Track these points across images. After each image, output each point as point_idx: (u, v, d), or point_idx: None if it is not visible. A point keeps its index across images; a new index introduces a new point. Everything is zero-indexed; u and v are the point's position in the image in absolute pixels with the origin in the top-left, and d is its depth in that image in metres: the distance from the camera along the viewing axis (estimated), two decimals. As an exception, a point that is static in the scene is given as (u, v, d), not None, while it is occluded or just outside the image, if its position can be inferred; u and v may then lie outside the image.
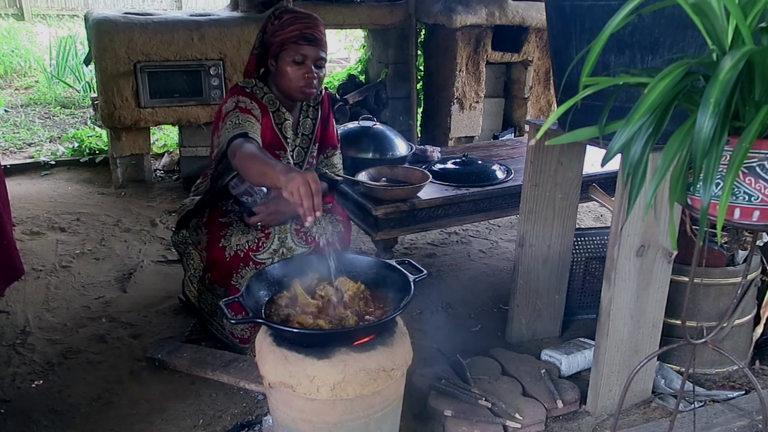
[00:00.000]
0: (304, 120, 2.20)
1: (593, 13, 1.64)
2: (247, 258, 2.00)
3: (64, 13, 9.62)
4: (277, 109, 2.11)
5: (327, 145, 2.29)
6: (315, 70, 2.02)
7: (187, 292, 2.29)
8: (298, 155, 2.20)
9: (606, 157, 1.10)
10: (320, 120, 2.23)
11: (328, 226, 2.13)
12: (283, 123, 2.12)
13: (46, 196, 3.86)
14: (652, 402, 1.98)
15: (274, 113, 2.10)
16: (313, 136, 2.22)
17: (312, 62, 2.00)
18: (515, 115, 4.80)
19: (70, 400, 1.98)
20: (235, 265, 2.00)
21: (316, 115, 2.22)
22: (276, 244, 2.04)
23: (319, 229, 2.09)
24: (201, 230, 2.14)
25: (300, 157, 2.21)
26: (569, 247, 2.29)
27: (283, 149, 2.13)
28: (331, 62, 7.38)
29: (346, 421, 1.46)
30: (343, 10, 4.22)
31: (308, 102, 2.20)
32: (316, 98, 2.22)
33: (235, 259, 1.99)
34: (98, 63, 3.64)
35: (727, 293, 2.07)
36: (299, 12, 2.05)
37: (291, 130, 2.15)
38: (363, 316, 1.55)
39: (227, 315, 1.50)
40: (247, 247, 2.00)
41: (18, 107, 6.08)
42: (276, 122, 2.11)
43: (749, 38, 0.98)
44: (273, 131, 2.10)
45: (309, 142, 2.22)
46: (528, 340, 2.36)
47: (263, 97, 2.09)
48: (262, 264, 2.00)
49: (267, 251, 2.03)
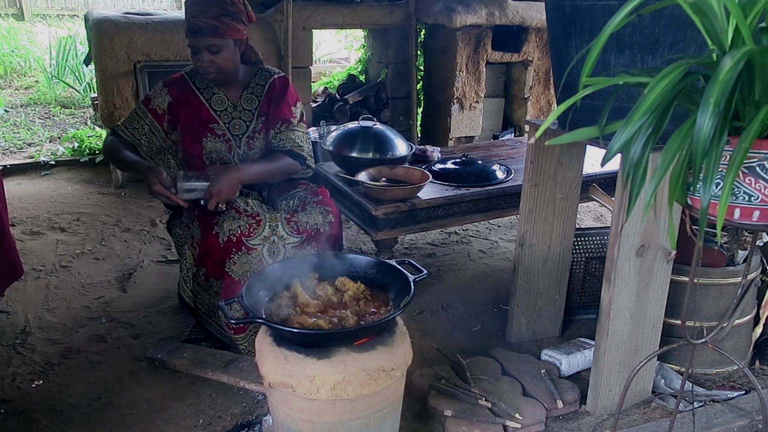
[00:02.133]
0: (248, 95, 2.28)
1: (593, 13, 1.64)
2: (239, 243, 2.03)
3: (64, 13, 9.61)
4: (206, 87, 2.25)
5: (277, 119, 2.30)
6: (211, 56, 2.09)
7: (182, 293, 2.30)
8: (238, 127, 2.28)
9: (606, 157, 1.10)
10: (267, 97, 2.29)
11: (318, 216, 2.15)
12: (211, 97, 2.25)
13: (46, 196, 3.86)
14: (652, 402, 1.98)
15: (203, 89, 2.25)
16: (256, 111, 2.29)
17: (206, 50, 2.09)
18: (515, 115, 4.80)
19: (70, 400, 1.98)
20: (229, 251, 2.03)
21: (261, 92, 2.30)
22: (267, 231, 2.08)
23: (309, 219, 2.12)
24: (194, 224, 2.16)
25: (241, 129, 2.28)
26: (569, 247, 2.29)
27: (214, 122, 2.25)
28: (331, 62, 7.39)
29: (346, 421, 1.46)
30: (343, 10, 4.22)
31: (256, 80, 2.30)
32: (266, 79, 2.30)
33: (228, 244, 2.03)
34: (98, 63, 3.64)
35: (727, 293, 2.07)
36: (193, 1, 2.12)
37: (227, 103, 2.26)
38: (363, 316, 1.55)
39: (227, 315, 1.51)
40: (240, 232, 2.04)
41: (18, 107, 6.09)
42: (205, 97, 2.25)
43: (749, 38, 0.98)
44: (203, 107, 2.24)
45: (252, 116, 2.29)
46: (528, 340, 2.35)
47: (195, 78, 2.25)
48: (254, 249, 2.04)
49: (258, 237, 2.06)
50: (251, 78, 2.30)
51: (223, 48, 2.10)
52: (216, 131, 2.24)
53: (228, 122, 2.26)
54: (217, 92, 2.25)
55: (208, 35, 2.06)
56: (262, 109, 2.29)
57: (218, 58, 2.10)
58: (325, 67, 6.96)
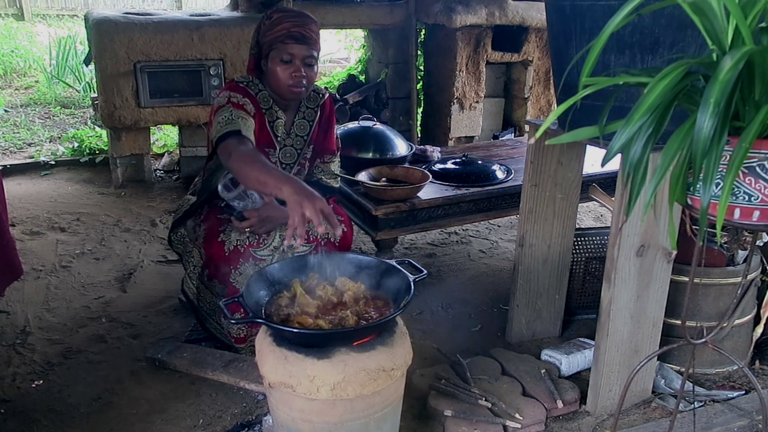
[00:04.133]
0: (299, 121, 2.19)
1: (593, 13, 1.64)
2: (246, 254, 1.99)
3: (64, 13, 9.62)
4: (269, 107, 2.10)
5: (325, 151, 2.27)
6: (304, 69, 2.00)
7: (186, 289, 2.30)
8: (289, 156, 2.18)
9: (606, 157, 1.10)
10: (318, 123, 2.22)
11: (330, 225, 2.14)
12: (275, 121, 2.11)
13: (46, 196, 3.86)
14: (652, 402, 1.98)
15: (266, 111, 2.09)
16: (308, 138, 2.21)
17: (300, 61, 1.98)
18: (515, 115, 4.80)
19: (70, 400, 1.98)
20: (234, 261, 1.98)
21: (314, 117, 2.21)
22: (277, 241, 2.04)
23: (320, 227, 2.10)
24: (199, 228, 2.13)
25: (291, 158, 2.19)
26: (569, 247, 2.29)
27: (272, 147, 2.13)
28: (331, 62, 7.39)
29: (346, 421, 1.46)
30: (343, 10, 4.22)
31: (306, 103, 2.20)
32: (315, 100, 2.21)
33: (234, 253, 1.98)
34: (98, 63, 3.64)
35: (727, 293, 2.07)
36: (289, 10, 2.06)
37: (283, 129, 2.15)
38: (363, 316, 1.55)
39: (227, 315, 1.50)
40: (248, 243, 2.00)
41: (18, 107, 6.08)
42: (268, 120, 2.10)
43: (749, 38, 0.98)
44: (264, 129, 2.10)
45: (303, 143, 2.20)
46: (528, 340, 2.36)
47: (257, 94, 2.09)
48: (261, 261, 2.00)
49: (268, 248, 2.03)
50: (302, 100, 2.17)
51: (315, 63, 2.03)
52: (270, 158, 2.10)
53: (282, 149, 2.15)
54: (280, 116, 2.10)
55: (312, 46, 1.99)
56: (312, 137, 2.20)
57: (311, 72, 2.01)
58: (325, 67, 6.96)
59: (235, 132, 1.86)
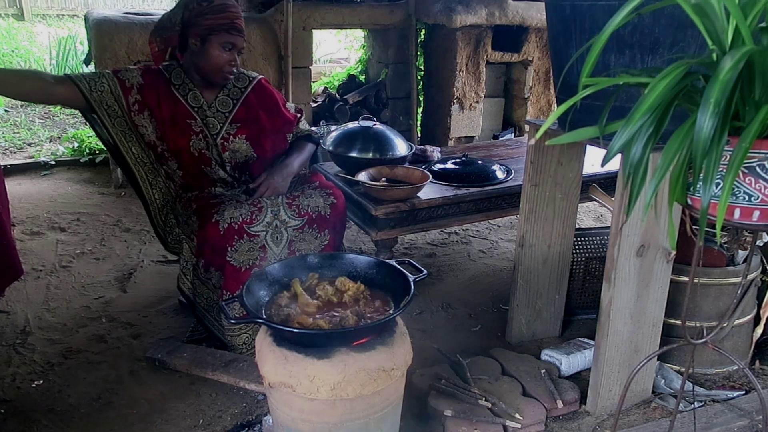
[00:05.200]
0: (222, 98, 2.28)
1: (593, 13, 1.64)
2: (241, 230, 2.04)
3: (64, 13, 9.62)
4: (181, 84, 2.22)
5: (290, 126, 2.41)
6: (238, 57, 2.18)
7: (181, 285, 2.30)
8: (212, 126, 2.26)
9: (606, 157, 1.10)
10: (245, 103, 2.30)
11: (320, 199, 2.16)
12: (188, 93, 2.23)
13: (46, 196, 3.86)
14: (652, 402, 1.98)
15: (179, 86, 2.22)
16: (230, 115, 2.28)
17: (237, 50, 2.16)
18: (515, 115, 4.80)
19: (70, 400, 1.98)
20: (230, 238, 2.03)
21: (239, 96, 2.30)
22: (269, 216, 2.09)
23: (310, 202, 2.14)
24: (192, 219, 2.17)
25: (215, 129, 2.27)
26: (569, 247, 2.29)
27: (192, 118, 2.23)
28: (331, 62, 7.39)
29: (346, 421, 1.46)
30: (343, 10, 4.22)
31: (234, 83, 2.30)
32: (243, 81, 2.32)
33: (229, 231, 2.03)
34: (98, 63, 3.64)
35: (727, 293, 2.07)
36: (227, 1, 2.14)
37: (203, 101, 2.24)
38: (363, 316, 1.55)
39: (227, 315, 1.51)
40: (241, 220, 2.05)
41: (18, 107, 6.08)
42: (181, 94, 2.22)
43: (749, 38, 0.98)
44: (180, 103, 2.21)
45: (225, 118, 2.28)
46: (528, 340, 2.36)
47: (171, 73, 2.23)
48: (255, 236, 2.06)
49: (261, 224, 2.08)
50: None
51: (244, 50, 2.21)
52: (194, 128, 2.23)
53: (203, 119, 2.25)
54: (192, 89, 2.23)
55: (244, 36, 2.17)
56: (238, 116, 2.29)
57: (240, 59, 2.21)
58: (325, 67, 6.96)
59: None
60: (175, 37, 2.16)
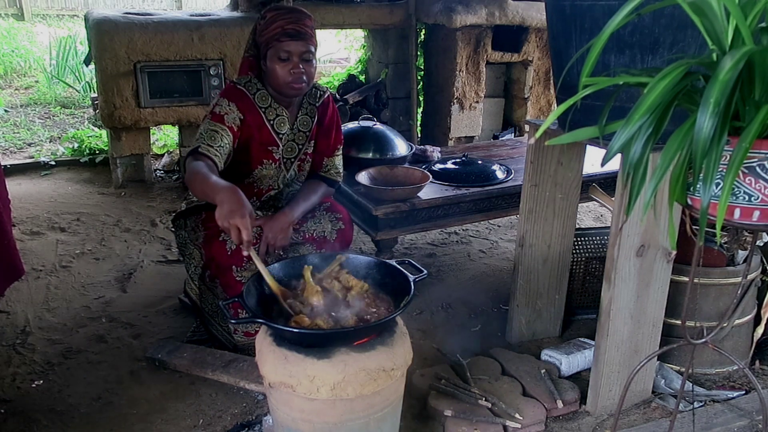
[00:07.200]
0: (302, 117, 2.20)
1: (593, 13, 1.64)
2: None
3: (64, 13, 9.62)
4: (269, 106, 2.11)
5: (337, 144, 2.29)
6: (302, 65, 2.00)
7: (189, 291, 2.29)
8: (290, 150, 2.20)
9: (606, 157, 1.10)
10: (319, 120, 2.23)
11: (327, 224, 2.14)
12: (275, 119, 2.12)
13: (46, 196, 3.86)
14: (652, 402, 1.98)
15: (265, 109, 2.10)
16: (309, 133, 2.22)
17: (298, 57, 1.99)
18: (515, 115, 4.80)
19: (70, 400, 1.98)
20: (238, 260, 1.97)
21: (314, 113, 2.22)
22: None
23: (317, 227, 2.11)
24: (199, 228, 2.14)
25: (293, 153, 2.21)
26: (569, 247, 2.29)
27: (275, 145, 2.15)
28: (331, 62, 7.38)
29: (346, 421, 1.46)
30: (343, 10, 4.22)
31: (308, 100, 2.21)
32: (315, 96, 2.22)
33: (237, 252, 1.97)
34: (98, 63, 3.64)
35: (727, 293, 2.07)
36: (282, 8, 2.06)
37: (288, 125, 2.16)
38: (363, 316, 1.55)
39: (227, 315, 1.51)
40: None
41: (18, 107, 6.09)
42: (267, 118, 2.11)
43: (749, 38, 0.98)
44: (264, 127, 2.11)
45: (305, 138, 2.21)
46: (528, 340, 2.35)
47: (255, 93, 2.09)
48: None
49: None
50: (303, 96, 2.19)
51: (313, 57, 2.03)
52: (274, 155, 2.14)
53: (285, 145, 2.17)
54: (280, 113, 2.12)
55: (308, 41, 1.99)
56: (314, 132, 2.22)
57: (309, 67, 2.01)
58: (325, 67, 6.96)
59: (194, 150, 1.95)
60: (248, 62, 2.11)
